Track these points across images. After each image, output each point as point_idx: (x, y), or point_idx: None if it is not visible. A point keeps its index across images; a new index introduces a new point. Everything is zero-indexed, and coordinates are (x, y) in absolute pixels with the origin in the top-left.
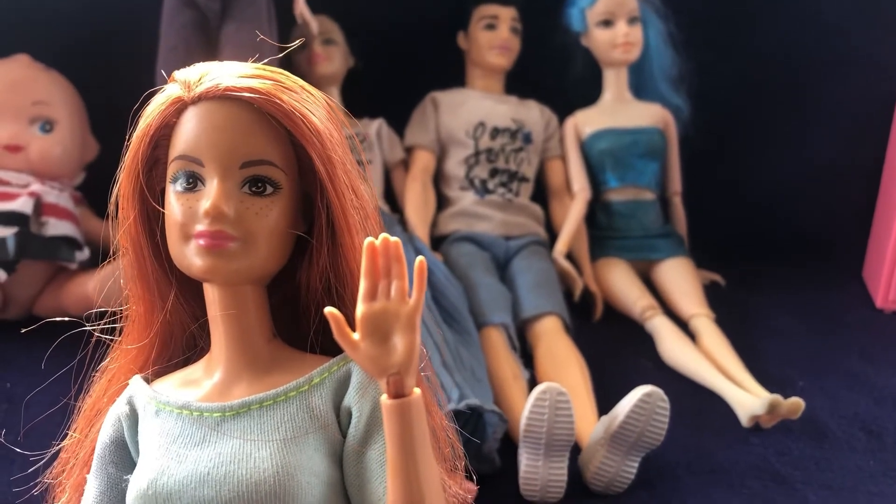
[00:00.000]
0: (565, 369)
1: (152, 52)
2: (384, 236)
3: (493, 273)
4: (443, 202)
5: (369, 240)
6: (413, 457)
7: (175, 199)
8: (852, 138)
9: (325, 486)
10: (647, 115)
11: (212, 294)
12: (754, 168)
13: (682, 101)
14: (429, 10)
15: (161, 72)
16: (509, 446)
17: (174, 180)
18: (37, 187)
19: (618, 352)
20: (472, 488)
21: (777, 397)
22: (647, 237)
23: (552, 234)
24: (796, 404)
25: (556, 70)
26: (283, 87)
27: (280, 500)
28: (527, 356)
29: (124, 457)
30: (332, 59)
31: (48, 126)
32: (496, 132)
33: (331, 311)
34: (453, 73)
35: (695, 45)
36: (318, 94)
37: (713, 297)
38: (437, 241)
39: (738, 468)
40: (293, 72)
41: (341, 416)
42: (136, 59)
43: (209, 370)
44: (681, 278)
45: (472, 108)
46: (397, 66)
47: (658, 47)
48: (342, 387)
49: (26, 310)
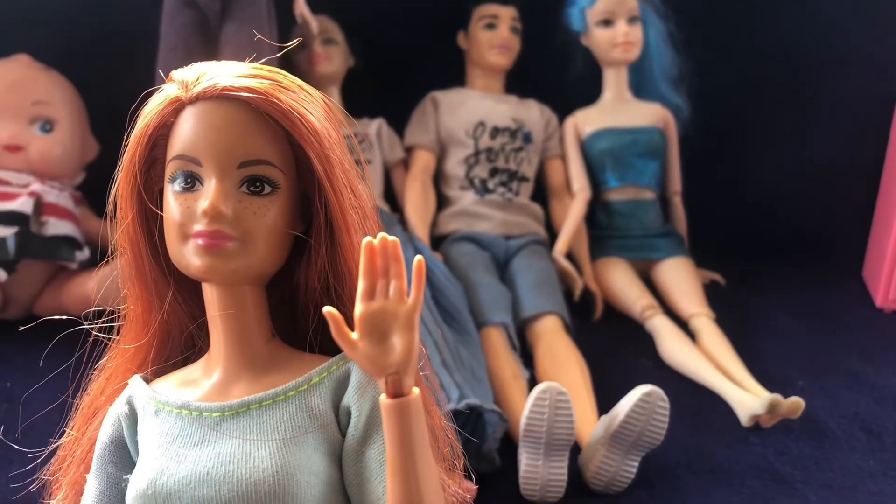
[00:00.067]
0: (565, 369)
1: (152, 52)
2: (382, 236)
3: (493, 273)
4: (443, 202)
5: (367, 239)
6: (412, 456)
7: (173, 199)
8: (852, 138)
9: (324, 486)
10: (647, 115)
11: (210, 294)
12: (754, 167)
13: (681, 100)
14: (429, 9)
15: (160, 72)
16: (509, 446)
17: (172, 180)
18: (37, 187)
19: (618, 351)
20: (472, 488)
21: (777, 397)
22: (647, 237)
23: (552, 233)
24: (796, 404)
25: (555, 69)
26: (281, 86)
27: (279, 499)
28: (527, 356)
29: (124, 456)
30: (331, 59)
31: (48, 126)
32: (496, 132)
33: (329, 311)
34: (453, 72)
35: (695, 44)
36: (317, 93)
37: (713, 296)
38: (437, 241)
39: (738, 468)
40: (293, 72)
41: (340, 416)
42: (136, 59)
43: (208, 370)
44: (681, 278)
45: (472, 108)
46: (397, 66)
47: (658, 47)
48: (341, 386)
49: (26, 309)
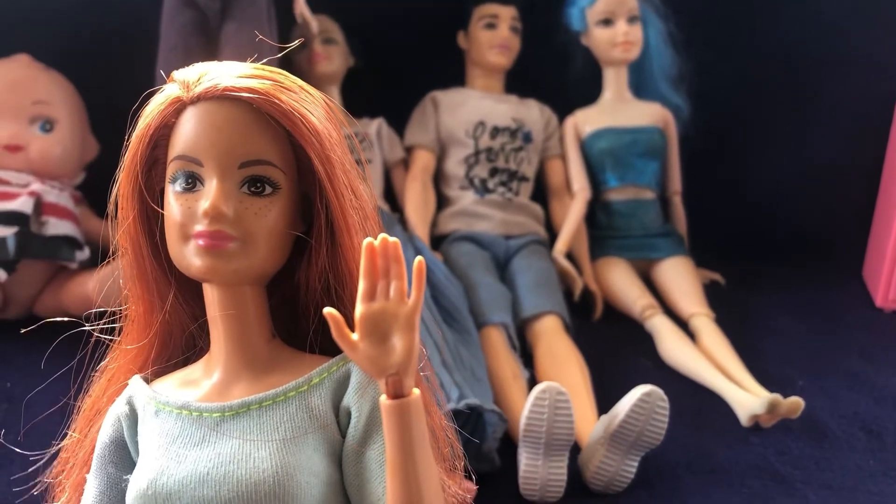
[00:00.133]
0: (565, 369)
1: (152, 52)
2: (383, 236)
3: (493, 272)
4: (443, 202)
5: (368, 240)
6: (412, 457)
7: (174, 200)
8: (852, 138)
9: (324, 486)
10: (647, 115)
11: (211, 294)
12: (754, 167)
13: (681, 100)
14: (429, 9)
15: (161, 72)
16: (509, 446)
17: (173, 180)
18: (37, 187)
19: (617, 351)
20: (472, 488)
21: (777, 397)
22: (647, 236)
23: (552, 233)
24: (796, 404)
25: (555, 69)
26: (282, 87)
27: (279, 500)
28: (526, 356)
29: (124, 457)
30: (331, 59)
31: (48, 126)
32: (496, 131)
33: (330, 312)
34: (453, 72)
35: (695, 44)
36: (317, 94)
37: (713, 296)
38: (437, 241)
39: (738, 468)
40: (293, 71)
41: (340, 416)
42: (136, 59)
43: (208, 370)
44: (681, 278)
45: (472, 108)
46: (397, 66)
47: (658, 46)
48: (341, 387)
49: (27, 309)
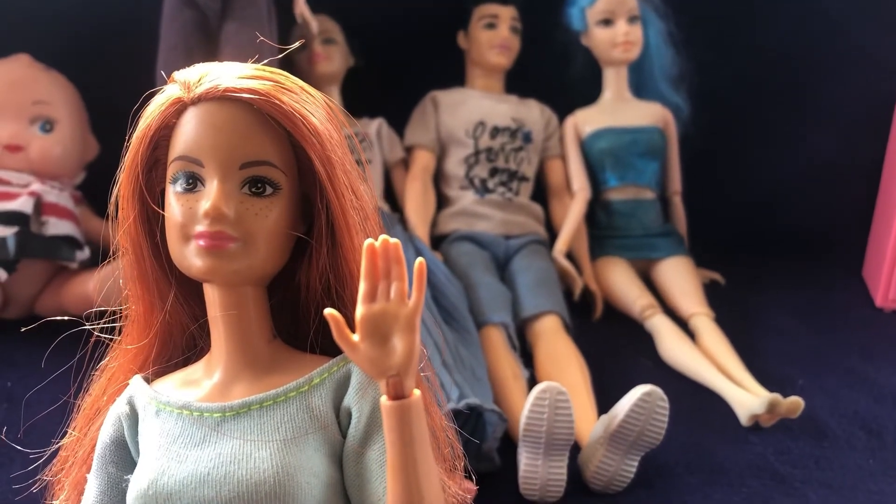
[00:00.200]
0: (565, 368)
1: (152, 51)
2: (384, 238)
3: (493, 272)
4: (443, 201)
5: (369, 241)
6: (412, 457)
7: (175, 200)
8: (852, 137)
9: (324, 487)
10: (647, 115)
11: (212, 294)
12: (754, 167)
13: (682, 100)
14: (429, 9)
15: (161, 72)
16: (509, 445)
17: (174, 181)
18: (37, 187)
19: (617, 351)
20: (472, 488)
21: (777, 396)
22: (646, 236)
23: (552, 233)
24: (796, 403)
25: (556, 69)
26: (283, 87)
27: (280, 500)
28: (526, 355)
29: (124, 456)
30: (331, 59)
31: (48, 126)
32: (496, 131)
33: (330, 313)
34: (453, 72)
35: (695, 44)
36: (318, 94)
37: (713, 296)
38: (437, 241)
39: (738, 467)
40: (293, 71)
41: (341, 417)
42: (136, 59)
43: (209, 370)
44: (680, 277)
45: (472, 108)
46: (397, 66)
47: (658, 46)
48: (342, 387)
49: (27, 309)
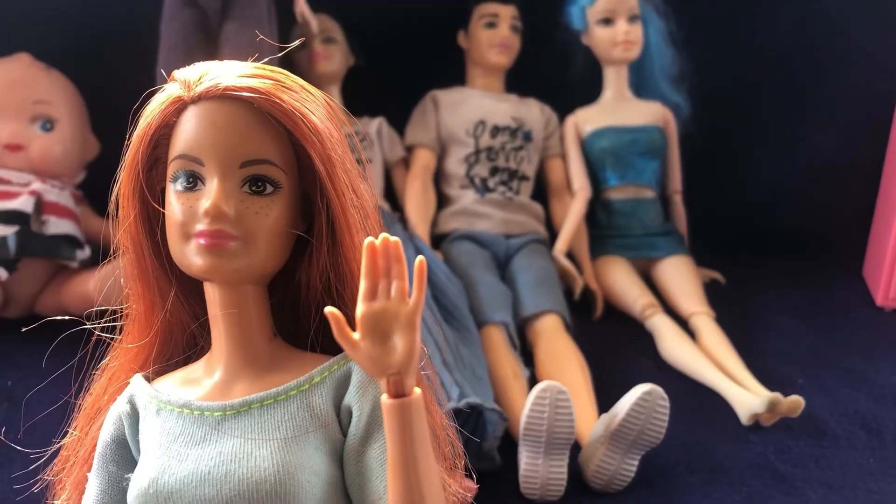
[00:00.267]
0: (565, 367)
1: (153, 51)
2: (384, 236)
3: (494, 271)
4: (443, 201)
5: (369, 240)
6: (413, 456)
7: (175, 199)
8: (852, 136)
9: (325, 485)
10: (648, 114)
11: (212, 293)
12: (754, 166)
13: (682, 99)
14: (429, 8)
15: (161, 71)
16: (509, 444)
17: (174, 179)
18: (37, 186)
19: (618, 350)
20: (473, 487)
21: (777, 395)
22: (647, 235)
23: (552, 232)
24: (796, 402)
25: (556, 68)
26: (283, 86)
27: (281, 498)
28: (527, 354)
29: (125, 455)
30: (332, 58)
31: (49, 125)
32: (496, 130)
33: (331, 311)
34: (453, 71)
35: (695, 43)
36: (318, 93)
37: (713, 295)
38: (438, 240)
39: (738, 466)
40: (293, 70)
41: (342, 415)
42: (136, 59)
43: (210, 369)
44: (681, 276)
45: (473, 107)
46: (397, 65)
47: (658, 45)
48: (342, 386)
49: (27, 308)
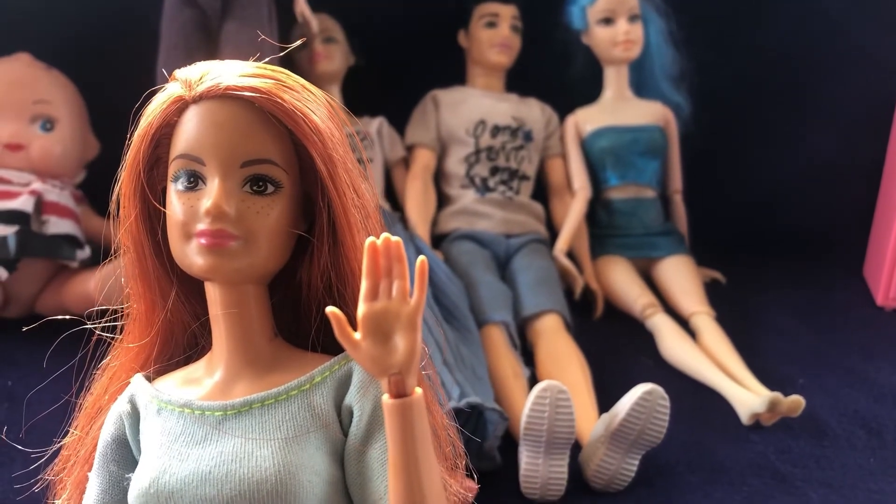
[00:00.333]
0: (566, 367)
1: (153, 50)
2: (385, 236)
3: (494, 271)
4: (443, 200)
5: (371, 239)
6: (414, 456)
7: (176, 198)
8: (853, 136)
9: (326, 485)
10: (648, 113)
11: (213, 293)
12: (755, 166)
13: (682, 99)
14: (429, 8)
15: (161, 70)
16: (510, 444)
17: (175, 179)
18: (38, 186)
19: (618, 350)
20: (473, 486)
21: (777, 395)
22: (647, 235)
23: (553, 232)
24: (796, 402)
25: (556, 68)
26: (285, 86)
27: (282, 498)
28: (527, 354)
29: (126, 455)
30: (332, 58)
31: (49, 125)
32: (497, 130)
33: (332, 311)
34: (454, 71)
35: (695, 43)
36: (320, 93)
37: (714, 294)
38: (438, 240)
39: (739, 466)
40: (294, 70)
41: (342, 415)
42: (136, 58)
43: (210, 369)
44: (681, 276)
45: (473, 107)
46: (398, 65)
47: (659, 45)
48: (343, 385)
49: (27, 308)
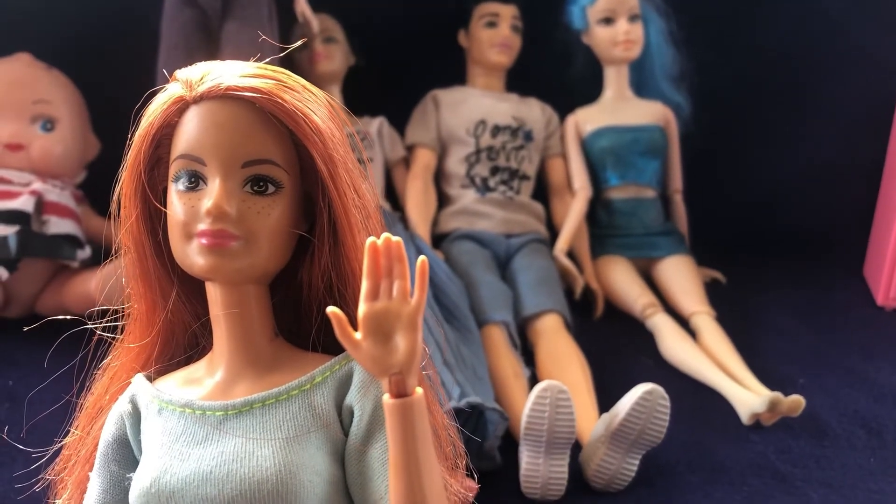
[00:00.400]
0: (566, 367)
1: (153, 50)
2: (386, 236)
3: (494, 271)
4: (444, 200)
5: (371, 239)
6: (415, 456)
7: (177, 198)
8: (853, 136)
9: (327, 485)
10: (648, 113)
11: (214, 293)
12: (755, 166)
13: (682, 98)
14: (429, 8)
15: (162, 70)
16: (510, 444)
17: (176, 179)
18: (38, 186)
19: (618, 349)
20: (474, 486)
21: (777, 395)
22: (647, 235)
23: (553, 232)
24: (797, 402)
25: (556, 68)
26: (285, 86)
27: (282, 498)
28: (527, 354)
29: (127, 455)
30: (332, 58)
31: (49, 125)
32: (497, 130)
33: (333, 311)
34: (454, 71)
35: (696, 43)
36: (320, 93)
37: (714, 294)
38: (438, 240)
39: (739, 466)
40: (294, 70)
41: (343, 415)
42: (136, 58)
43: (211, 369)
44: (681, 276)
45: (473, 106)
46: (398, 65)
47: (659, 45)
48: (344, 385)
49: (28, 308)
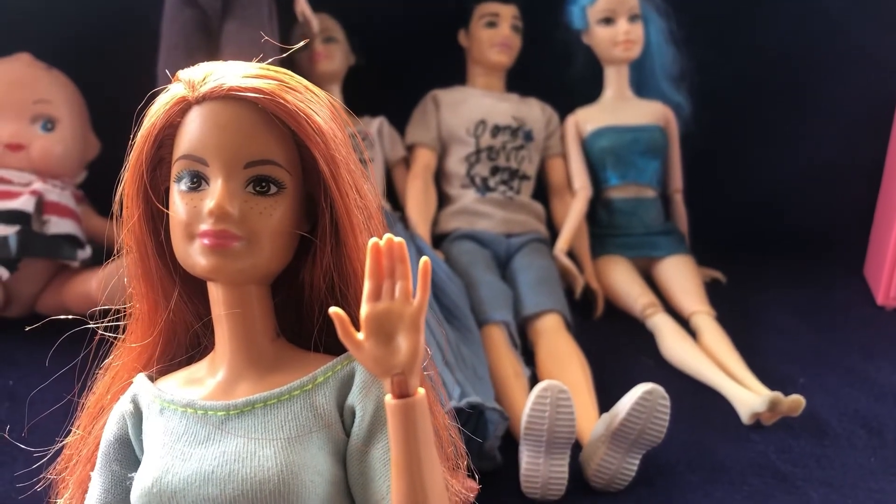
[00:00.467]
0: (566, 367)
1: (153, 50)
2: (388, 236)
3: (494, 271)
4: (444, 200)
5: (373, 240)
6: (417, 456)
7: (179, 199)
8: (853, 136)
9: (328, 485)
10: (649, 113)
11: (216, 293)
12: (755, 166)
13: (682, 98)
14: (430, 7)
15: (162, 70)
16: (510, 444)
17: (178, 179)
18: (38, 186)
19: (619, 349)
20: (474, 486)
21: (778, 394)
22: (648, 234)
23: (553, 231)
24: (797, 402)
25: (557, 68)
26: (287, 86)
27: (284, 498)
28: (528, 354)
29: (128, 455)
30: (332, 57)
31: (50, 125)
32: (497, 130)
33: (335, 311)
34: (454, 71)
35: (696, 42)
36: (322, 93)
37: (714, 294)
38: (439, 239)
39: (739, 465)
40: (294, 70)
41: (345, 415)
42: (137, 58)
43: (213, 369)
44: (682, 276)
45: (473, 106)
46: (398, 64)
47: (659, 45)
48: (346, 386)
49: (28, 308)
